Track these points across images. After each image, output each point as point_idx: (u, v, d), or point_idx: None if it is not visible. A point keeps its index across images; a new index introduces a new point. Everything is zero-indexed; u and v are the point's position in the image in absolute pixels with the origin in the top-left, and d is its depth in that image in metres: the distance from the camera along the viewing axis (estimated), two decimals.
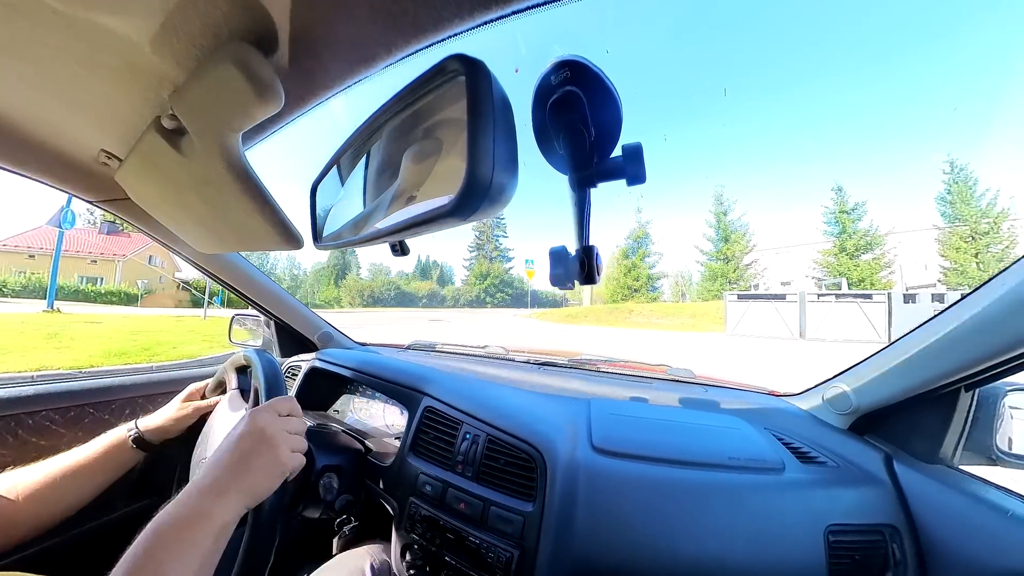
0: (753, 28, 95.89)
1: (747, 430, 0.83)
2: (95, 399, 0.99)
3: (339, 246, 0.50)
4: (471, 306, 56.21)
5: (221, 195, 0.50)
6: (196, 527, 0.43)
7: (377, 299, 54.99)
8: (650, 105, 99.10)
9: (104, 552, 0.87)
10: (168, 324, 9.12)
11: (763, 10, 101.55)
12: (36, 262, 27.14)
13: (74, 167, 0.69)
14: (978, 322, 0.56)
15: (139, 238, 28.12)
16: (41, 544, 0.79)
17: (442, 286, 62.18)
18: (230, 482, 0.47)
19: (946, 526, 0.59)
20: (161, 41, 0.36)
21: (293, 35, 0.35)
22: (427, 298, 58.15)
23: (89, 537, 0.89)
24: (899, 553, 0.60)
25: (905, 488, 0.65)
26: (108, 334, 7.12)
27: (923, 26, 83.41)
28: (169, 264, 31.92)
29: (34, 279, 24.66)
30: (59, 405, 0.93)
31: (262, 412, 0.55)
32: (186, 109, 0.42)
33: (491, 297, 57.41)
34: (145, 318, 10.32)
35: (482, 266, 60.14)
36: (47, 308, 9.82)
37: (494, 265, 60.29)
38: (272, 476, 0.51)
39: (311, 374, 1.09)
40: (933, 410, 0.70)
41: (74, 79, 0.44)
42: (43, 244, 27.44)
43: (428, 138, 0.36)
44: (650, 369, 1.14)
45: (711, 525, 0.62)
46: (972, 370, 0.59)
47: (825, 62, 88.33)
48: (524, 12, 0.31)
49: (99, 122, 0.54)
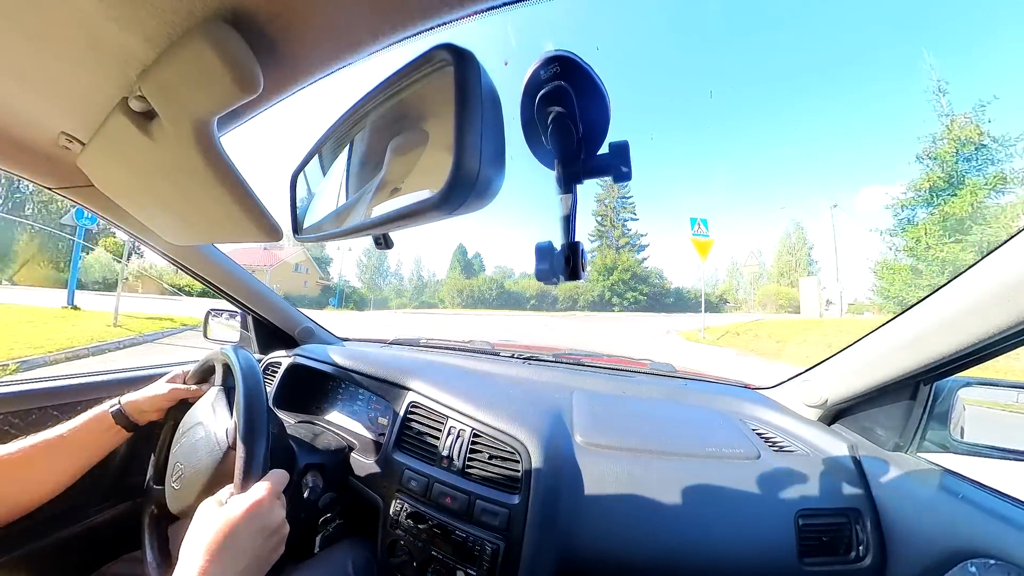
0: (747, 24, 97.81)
1: (724, 421, 0.86)
2: (58, 400, 0.93)
3: (320, 239, 0.49)
4: (593, 308, 44.60)
5: (194, 183, 0.47)
6: None
7: (478, 299, 47.20)
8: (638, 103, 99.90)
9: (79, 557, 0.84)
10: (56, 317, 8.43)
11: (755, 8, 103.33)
12: (257, 274, 33.46)
13: (30, 151, 0.64)
14: (936, 322, 0.60)
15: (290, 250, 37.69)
16: (14, 550, 0.75)
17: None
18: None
19: (905, 509, 0.64)
20: (129, 16, 0.34)
21: (274, 15, 0.33)
22: (536, 299, 48.14)
23: (62, 542, 0.85)
24: (862, 534, 0.64)
25: (868, 474, 0.69)
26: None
27: None
28: (313, 271, 42.28)
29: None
30: (18, 408, 0.88)
31: (274, 507, 0.51)
32: (156, 91, 0.39)
33: (619, 297, 44.98)
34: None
35: (606, 257, 47.59)
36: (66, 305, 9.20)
37: (622, 256, 47.63)
38: (271, 563, 0.49)
39: (292, 371, 1.06)
40: (895, 403, 0.74)
41: (30, 56, 0.41)
42: (263, 260, 36.20)
43: (414, 129, 0.35)
44: (632, 363, 1.16)
45: (689, 512, 0.64)
46: (930, 365, 0.63)
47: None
48: (515, 4, 0.31)
49: (58, 102, 0.50)
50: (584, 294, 45.76)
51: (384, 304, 48.29)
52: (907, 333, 0.65)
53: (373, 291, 50.02)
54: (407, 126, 0.35)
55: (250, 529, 0.47)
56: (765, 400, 0.96)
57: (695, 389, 1.01)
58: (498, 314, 35.36)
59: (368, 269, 52.67)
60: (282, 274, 37.77)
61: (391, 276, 54.25)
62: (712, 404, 0.95)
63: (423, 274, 56.25)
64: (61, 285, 19.77)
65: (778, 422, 0.87)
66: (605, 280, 46.14)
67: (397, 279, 54.30)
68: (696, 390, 1.01)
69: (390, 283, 54.31)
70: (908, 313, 0.66)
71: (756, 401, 0.95)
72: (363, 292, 49.06)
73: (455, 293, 48.49)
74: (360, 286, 50.89)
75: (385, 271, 53.31)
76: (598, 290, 46.07)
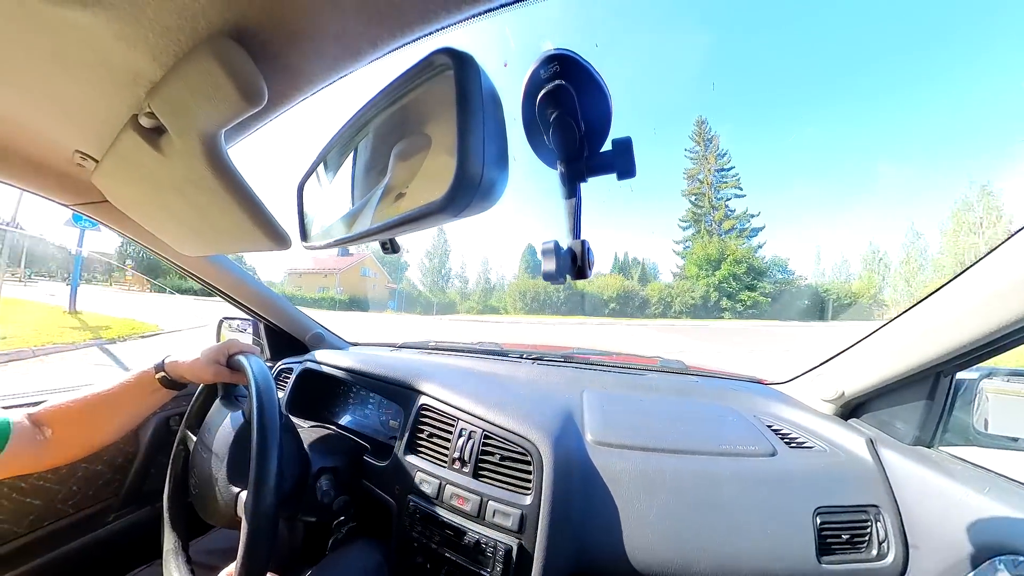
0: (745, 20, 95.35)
1: (737, 418, 0.84)
2: None
3: (327, 246, 0.49)
4: (695, 314, 33.70)
5: (203, 195, 0.48)
6: None
7: (543, 303, 38.97)
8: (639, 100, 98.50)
9: (100, 564, 0.86)
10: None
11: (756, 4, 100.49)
12: (328, 280, 38.78)
13: (46, 170, 0.66)
14: (957, 309, 0.58)
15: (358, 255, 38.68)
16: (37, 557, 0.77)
17: (644, 284, 39.78)
18: None
19: (927, 504, 0.62)
20: (136, 36, 0.34)
21: (275, 29, 0.34)
22: (618, 301, 37.12)
23: (84, 548, 0.87)
24: (883, 531, 0.63)
25: (888, 469, 0.68)
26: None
27: None
28: (381, 275, 43.03)
29: (328, 293, 36.95)
30: None
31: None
32: (164, 107, 0.40)
33: (730, 299, 33.29)
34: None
35: (707, 247, 35.98)
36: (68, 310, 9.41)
37: (728, 243, 36.01)
38: None
39: (304, 376, 1.07)
40: (914, 395, 0.72)
41: (43, 77, 0.42)
42: (334, 265, 38.65)
43: (417, 133, 0.35)
44: (642, 360, 1.15)
45: (704, 511, 0.63)
46: (950, 356, 0.62)
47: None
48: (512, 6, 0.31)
49: (72, 122, 0.52)
50: (681, 295, 35.08)
51: (451, 308, 43.19)
52: (926, 322, 0.63)
53: (436, 294, 45.55)
54: (410, 131, 0.36)
55: None
56: (779, 395, 0.95)
57: (707, 385, 1.00)
58: (569, 322, 27.89)
59: (430, 272, 47.63)
60: (350, 279, 38.85)
61: (455, 278, 48.45)
62: (725, 400, 0.94)
63: (491, 276, 49.43)
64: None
65: (793, 417, 0.85)
66: (709, 276, 33.91)
67: (462, 281, 48.40)
68: (708, 386, 1.00)
69: (455, 286, 48.34)
70: (927, 301, 0.64)
71: (770, 396, 0.94)
72: (427, 295, 45.49)
73: (517, 296, 40.11)
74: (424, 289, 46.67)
75: (447, 273, 47.55)
76: (700, 289, 33.91)
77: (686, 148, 43.55)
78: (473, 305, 44.23)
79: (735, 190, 39.29)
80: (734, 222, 38.31)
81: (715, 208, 39.07)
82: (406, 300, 44.32)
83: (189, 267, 1.08)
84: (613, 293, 37.64)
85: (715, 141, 42.19)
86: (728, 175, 40.20)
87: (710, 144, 42.24)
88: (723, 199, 39.64)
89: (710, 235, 38.47)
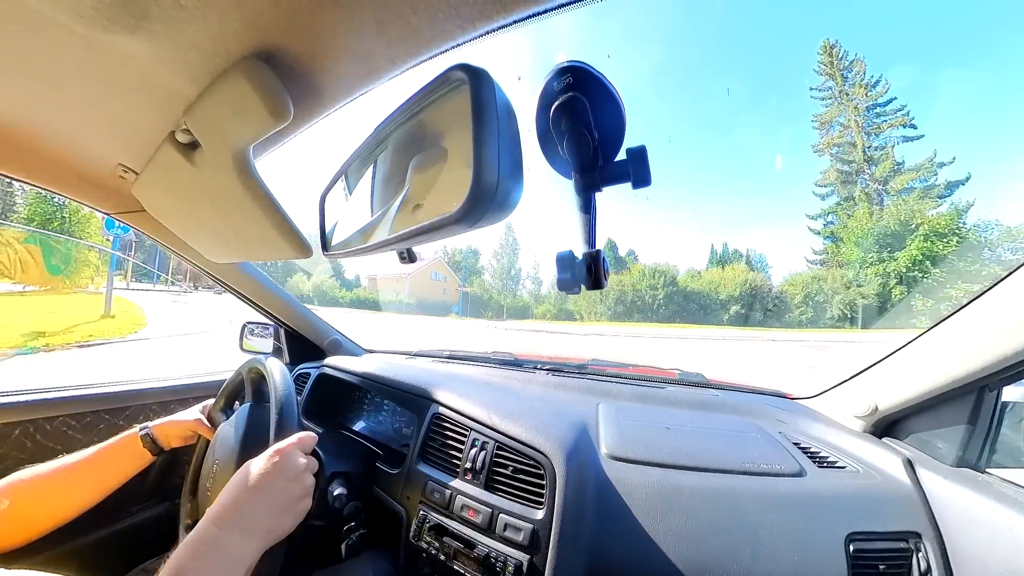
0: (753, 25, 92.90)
1: (762, 434, 0.81)
2: (110, 405, 1.01)
3: (347, 255, 0.51)
4: (866, 321, 20.78)
5: (233, 206, 0.51)
6: (225, 568, 0.43)
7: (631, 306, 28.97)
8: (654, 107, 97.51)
9: (120, 554, 0.89)
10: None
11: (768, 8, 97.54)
12: (400, 284, 40.16)
13: (93, 181, 0.72)
14: (1004, 317, 0.54)
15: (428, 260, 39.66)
16: (58, 547, 0.81)
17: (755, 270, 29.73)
18: (259, 523, 0.48)
19: (974, 533, 0.57)
20: (175, 59, 0.37)
21: (300, 51, 0.36)
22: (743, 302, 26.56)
23: (104, 539, 0.91)
24: (925, 562, 0.58)
25: (929, 493, 0.63)
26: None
27: None
28: (451, 279, 42.63)
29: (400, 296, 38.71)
30: (76, 411, 0.96)
31: (294, 451, 0.55)
32: (200, 124, 0.43)
33: (927, 297, 19.29)
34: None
35: (874, 217, 22.80)
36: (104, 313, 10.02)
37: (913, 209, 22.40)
38: (296, 516, 0.52)
39: (320, 381, 1.10)
40: (956, 412, 0.67)
41: (93, 97, 0.46)
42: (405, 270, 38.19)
43: (434, 146, 0.36)
44: (660, 372, 1.12)
45: (726, 534, 0.60)
46: (996, 368, 0.57)
47: None
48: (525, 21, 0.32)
49: (116, 137, 0.56)
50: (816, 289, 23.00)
51: (524, 313, 40.29)
52: (968, 331, 0.59)
53: (506, 297, 42.64)
54: (427, 144, 0.37)
55: (272, 473, 0.51)
56: (806, 410, 0.90)
57: (729, 399, 0.97)
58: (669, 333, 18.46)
59: (499, 274, 44.37)
60: (419, 282, 39.70)
61: (527, 279, 44.45)
62: (748, 415, 0.90)
63: None
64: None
65: (822, 435, 0.81)
66: (886, 261, 21.16)
67: (535, 283, 44.13)
68: (730, 400, 0.96)
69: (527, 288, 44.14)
70: (969, 308, 0.60)
71: (796, 412, 0.89)
72: (496, 299, 42.55)
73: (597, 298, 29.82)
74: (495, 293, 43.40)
75: (517, 274, 44.00)
76: (871, 279, 20.60)
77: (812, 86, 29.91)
78: (548, 308, 38.79)
79: (903, 130, 25.45)
80: (911, 177, 24.54)
81: (873, 161, 25.29)
82: (474, 304, 41.76)
83: (217, 273, 1.13)
84: (734, 291, 25.67)
85: (859, 67, 28.22)
86: (887, 111, 26.15)
87: (850, 73, 28.52)
88: (885, 145, 25.94)
89: (871, 200, 24.69)
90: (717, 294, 27.65)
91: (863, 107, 27.79)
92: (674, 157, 61.12)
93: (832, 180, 28.27)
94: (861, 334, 18.89)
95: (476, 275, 45.33)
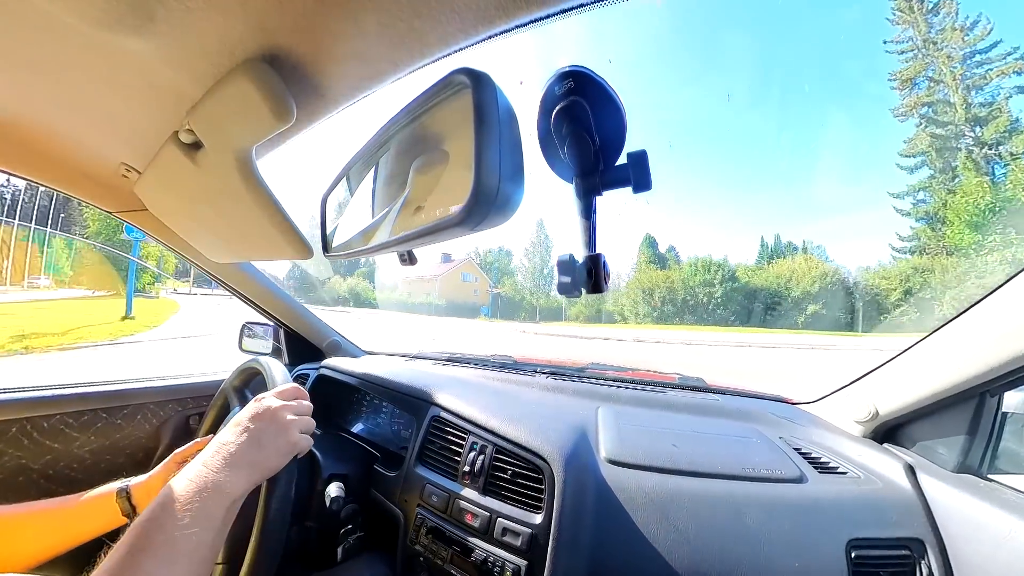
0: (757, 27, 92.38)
1: (762, 439, 0.80)
2: (107, 404, 1.01)
3: (348, 256, 0.51)
4: None
5: (234, 206, 0.51)
6: (206, 499, 0.43)
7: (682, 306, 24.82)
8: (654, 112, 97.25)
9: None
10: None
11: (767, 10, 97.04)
12: (430, 285, 40.58)
13: (96, 179, 0.72)
14: (1001, 325, 0.54)
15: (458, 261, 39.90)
16: None
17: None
18: (240, 457, 0.48)
19: (977, 540, 0.57)
20: (180, 60, 0.37)
21: (304, 53, 0.36)
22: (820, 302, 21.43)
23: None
24: (927, 569, 0.58)
25: (931, 500, 0.63)
26: None
27: None
28: (482, 279, 42.16)
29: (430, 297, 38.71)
30: (73, 409, 0.96)
31: (269, 396, 0.58)
32: (203, 124, 0.43)
33: None
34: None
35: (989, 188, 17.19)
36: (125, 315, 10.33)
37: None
38: (281, 453, 0.53)
39: (319, 382, 1.09)
40: (957, 417, 0.67)
41: (98, 96, 0.46)
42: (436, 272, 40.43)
43: (435, 149, 0.36)
44: (660, 377, 1.12)
45: (726, 540, 0.60)
46: (998, 374, 0.57)
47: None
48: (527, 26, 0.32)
49: (120, 137, 0.56)
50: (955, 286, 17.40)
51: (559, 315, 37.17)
52: (969, 336, 0.59)
53: (538, 297, 39.55)
54: (429, 147, 0.37)
55: (255, 424, 0.52)
56: (806, 416, 0.90)
57: (729, 404, 0.96)
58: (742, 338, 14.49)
59: (530, 273, 41.29)
60: (450, 283, 39.39)
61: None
62: (748, 420, 0.90)
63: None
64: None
65: (822, 440, 0.80)
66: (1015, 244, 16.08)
67: None
68: (730, 405, 0.96)
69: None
70: (971, 312, 0.59)
71: (797, 417, 0.89)
72: (528, 299, 39.56)
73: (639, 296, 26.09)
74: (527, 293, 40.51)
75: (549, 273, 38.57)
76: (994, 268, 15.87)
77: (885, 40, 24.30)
78: (582, 310, 34.64)
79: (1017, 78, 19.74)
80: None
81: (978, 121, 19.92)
82: (505, 305, 39.96)
83: (218, 273, 1.13)
84: (811, 286, 20.63)
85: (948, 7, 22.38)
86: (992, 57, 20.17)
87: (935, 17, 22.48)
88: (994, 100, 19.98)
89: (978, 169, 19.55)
90: (788, 291, 22.00)
91: (959, 56, 21.82)
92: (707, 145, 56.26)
93: (922, 148, 22.57)
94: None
95: (507, 275, 44.19)
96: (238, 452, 0.49)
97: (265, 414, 0.54)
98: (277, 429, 0.54)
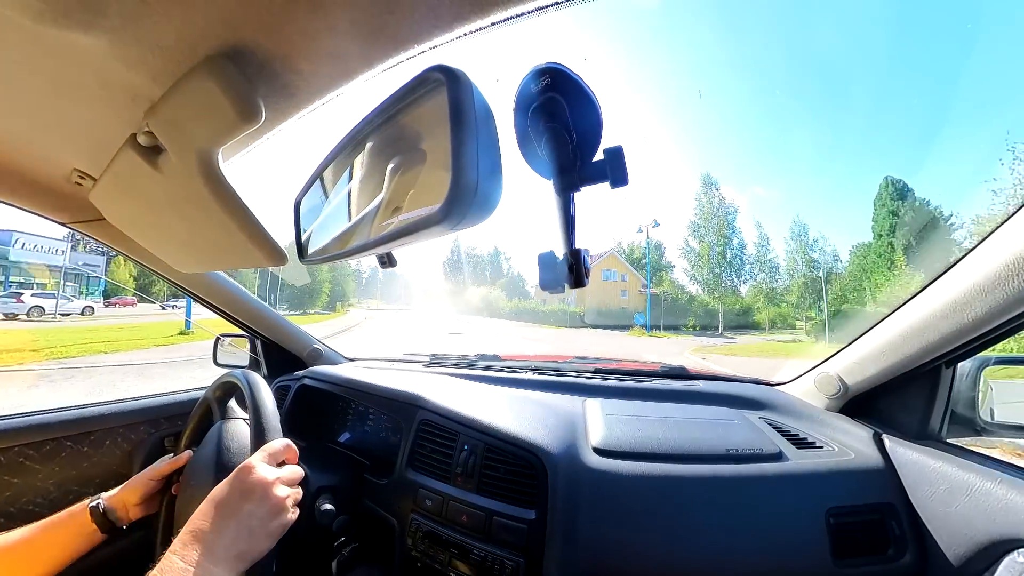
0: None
1: (743, 420, 0.84)
2: (72, 431, 0.94)
3: (325, 260, 0.49)
4: None
5: (200, 213, 0.48)
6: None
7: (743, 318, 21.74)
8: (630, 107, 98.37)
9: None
10: None
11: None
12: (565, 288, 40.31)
13: (45, 188, 0.67)
14: (953, 301, 0.59)
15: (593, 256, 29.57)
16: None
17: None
18: (227, 549, 0.43)
19: (939, 499, 0.61)
20: (135, 57, 0.35)
21: (271, 49, 0.34)
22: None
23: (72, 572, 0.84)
24: (898, 529, 0.62)
25: (898, 465, 0.67)
26: None
27: None
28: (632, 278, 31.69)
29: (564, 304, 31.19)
30: (33, 439, 0.89)
31: (258, 466, 0.51)
32: (163, 126, 0.41)
33: None
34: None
35: None
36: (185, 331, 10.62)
37: None
38: (273, 536, 0.48)
39: (301, 393, 1.06)
40: (917, 388, 0.72)
41: (43, 96, 0.43)
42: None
43: (412, 149, 0.36)
44: (644, 366, 1.15)
45: (715, 518, 0.62)
46: (950, 347, 0.62)
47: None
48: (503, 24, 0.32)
49: (71, 140, 0.53)
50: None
51: (748, 319, 26.90)
52: (925, 312, 0.63)
53: (722, 294, 27.04)
54: (405, 147, 0.36)
55: (235, 494, 0.47)
56: (782, 395, 0.94)
57: (709, 389, 1.00)
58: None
59: (701, 260, 27.90)
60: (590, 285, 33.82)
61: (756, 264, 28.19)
62: (729, 404, 0.93)
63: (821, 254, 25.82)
64: None
65: (799, 417, 0.85)
66: None
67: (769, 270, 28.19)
68: (711, 390, 0.99)
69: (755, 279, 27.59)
70: (924, 293, 0.64)
71: (773, 397, 0.93)
72: (706, 300, 27.57)
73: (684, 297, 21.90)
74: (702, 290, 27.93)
75: (735, 258, 27.73)
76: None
77: None
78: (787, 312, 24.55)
79: None
80: None
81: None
82: (668, 309, 27.49)
83: (185, 284, 1.07)
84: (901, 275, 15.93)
85: None
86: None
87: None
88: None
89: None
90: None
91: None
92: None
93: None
94: None
95: (664, 270, 32.23)
96: (225, 544, 0.43)
97: (256, 491, 0.47)
98: (270, 511, 0.47)
